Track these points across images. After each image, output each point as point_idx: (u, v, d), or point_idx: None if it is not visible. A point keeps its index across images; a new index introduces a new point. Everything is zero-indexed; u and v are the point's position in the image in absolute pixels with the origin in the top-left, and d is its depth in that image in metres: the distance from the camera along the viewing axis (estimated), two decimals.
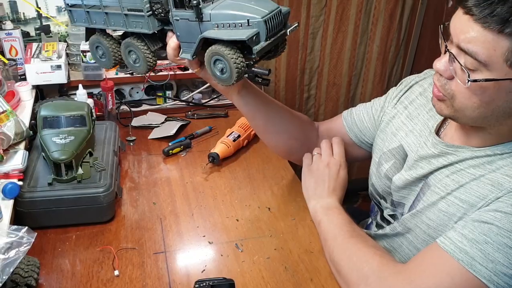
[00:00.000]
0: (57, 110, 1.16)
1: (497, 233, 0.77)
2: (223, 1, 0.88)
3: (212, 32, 0.86)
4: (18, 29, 1.51)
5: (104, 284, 0.94)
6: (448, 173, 0.92)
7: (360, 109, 1.21)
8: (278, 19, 0.88)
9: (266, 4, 0.88)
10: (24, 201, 1.04)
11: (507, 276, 0.76)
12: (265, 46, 0.86)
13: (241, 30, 0.84)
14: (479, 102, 0.80)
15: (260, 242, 1.06)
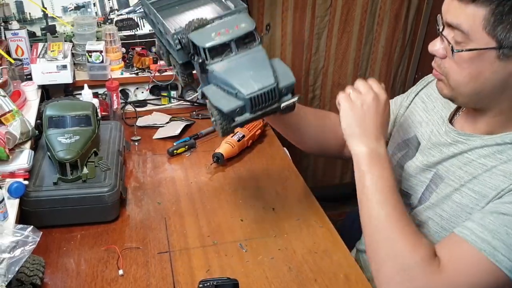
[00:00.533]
0: (62, 110, 1.16)
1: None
2: (231, 60, 0.90)
3: (209, 90, 0.90)
4: (24, 29, 1.52)
5: (109, 283, 0.95)
6: (460, 164, 0.93)
7: None
8: (269, 96, 0.88)
9: (263, 77, 0.88)
10: (29, 200, 1.04)
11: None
12: (249, 118, 0.89)
13: (230, 98, 0.88)
14: (468, 75, 0.85)
15: (264, 242, 1.06)
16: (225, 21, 0.93)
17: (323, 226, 1.12)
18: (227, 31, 0.90)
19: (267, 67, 0.89)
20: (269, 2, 1.92)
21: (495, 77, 0.83)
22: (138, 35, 1.71)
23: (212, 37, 0.90)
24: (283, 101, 0.90)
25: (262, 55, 0.91)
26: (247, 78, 0.87)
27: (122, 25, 1.69)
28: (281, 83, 0.89)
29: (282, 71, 0.91)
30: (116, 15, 1.68)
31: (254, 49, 0.92)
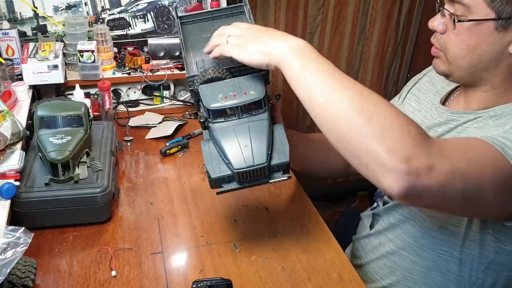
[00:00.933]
0: (53, 110, 1.15)
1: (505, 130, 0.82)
2: (232, 124, 0.92)
3: (206, 147, 0.93)
4: (14, 29, 1.51)
5: (101, 284, 0.94)
6: (454, 134, 0.96)
7: None
8: (258, 173, 0.90)
9: (256, 154, 0.89)
10: (21, 201, 1.03)
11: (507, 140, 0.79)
12: (236, 188, 0.91)
13: (221, 165, 0.90)
14: (467, 48, 0.89)
15: (258, 242, 1.06)
16: (236, 82, 0.94)
17: (317, 225, 1.12)
18: (234, 96, 0.92)
19: (264, 141, 0.90)
20: (261, 2, 1.92)
21: (492, 49, 0.88)
22: (130, 35, 1.71)
23: (218, 99, 0.92)
24: (272, 177, 0.92)
25: (263, 126, 0.92)
26: (240, 151, 0.89)
27: (113, 24, 1.68)
28: (273, 161, 0.90)
29: (280, 146, 0.92)
30: (107, 14, 1.67)
31: (257, 116, 0.93)
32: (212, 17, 1.14)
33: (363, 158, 0.72)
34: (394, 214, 1.08)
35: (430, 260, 1.03)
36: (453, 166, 0.72)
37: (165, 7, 1.70)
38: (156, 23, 1.71)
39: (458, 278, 1.01)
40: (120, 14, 1.67)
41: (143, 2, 1.68)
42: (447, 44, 0.92)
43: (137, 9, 1.68)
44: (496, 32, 0.86)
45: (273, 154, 0.91)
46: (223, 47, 0.89)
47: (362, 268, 1.20)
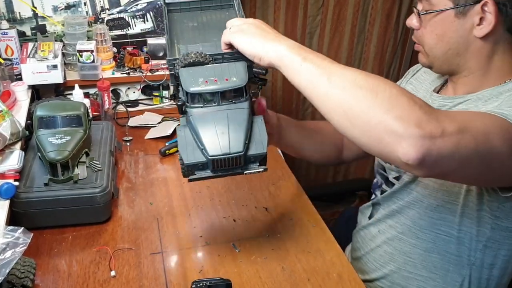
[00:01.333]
0: (53, 110, 1.15)
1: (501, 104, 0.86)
2: (210, 110, 0.89)
3: (181, 132, 0.90)
4: (14, 29, 1.50)
5: (101, 284, 0.94)
6: None
7: None
8: (233, 161, 0.87)
9: (233, 142, 0.86)
10: (20, 201, 1.03)
11: None
12: (209, 176, 0.88)
13: (195, 151, 0.87)
14: (436, 37, 0.98)
15: (257, 242, 1.06)
16: (219, 68, 0.91)
17: (316, 225, 1.12)
18: (216, 81, 0.89)
19: (242, 130, 0.88)
20: (261, 1, 1.92)
21: (457, 35, 0.96)
22: (130, 35, 1.70)
23: (198, 83, 0.89)
24: (248, 168, 0.89)
25: (243, 115, 0.89)
26: (216, 138, 0.87)
27: (113, 24, 1.68)
28: (250, 151, 0.88)
29: (258, 137, 0.89)
30: (107, 14, 1.67)
31: (238, 105, 0.90)
32: (200, 7, 1.11)
33: (374, 131, 0.72)
34: (394, 200, 1.11)
35: (429, 241, 1.05)
36: (461, 126, 0.74)
37: None
38: (156, 23, 1.71)
39: (457, 259, 1.03)
40: (120, 14, 1.67)
41: (143, 2, 1.68)
42: (422, 37, 1.02)
43: (136, 9, 1.68)
44: (456, 19, 0.94)
45: (251, 145, 0.88)
46: (225, 32, 0.91)
47: (362, 259, 1.22)
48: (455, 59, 0.99)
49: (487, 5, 0.90)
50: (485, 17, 0.91)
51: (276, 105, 2.15)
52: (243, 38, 0.87)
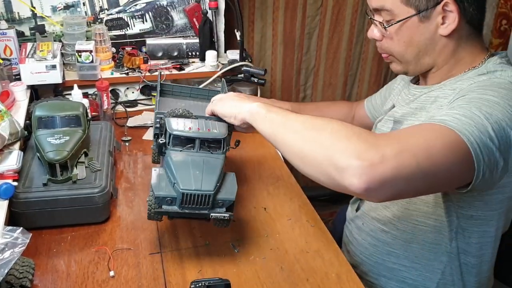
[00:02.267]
0: (52, 110, 1.15)
1: (458, 105, 0.88)
2: (188, 155, 0.96)
3: (155, 172, 0.95)
4: (12, 29, 1.50)
5: (100, 285, 0.94)
6: (415, 106, 1.09)
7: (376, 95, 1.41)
8: (202, 200, 0.91)
9: (205, 181, 0.91)
10: (19, 201, 1.03)
11: (471, 126, 0.82)
12: (175, 212, 0.92)
13: (167, 187, 0.92)
14: (404, 44, 1.03)
15: (256, 242, 1.06)
16: (202, 121, 1.01)
17: (315, 225, 1.12)
18: (198, 129, 0.98)
19: (215, 174, 0.94)
20: (260, 2, 1.92)
21: (424, 37, 1.01)
22: (128, 35, 1.71)
23: (182, 128, 0.97)
24: (214, 211, 0.93)
25: (218, 163, 0.97)
26: (190, 176, 0.92)
27: (112, 24, 1.68)
28: (220, 195, 0.93)
29: (229, 186, 0.96)
30: (106, 14, 1.67)
31: (214, 155, 0.98)
32: (190, 93, 1.30)
33: (322, 167, 0.79)
34: None
35: (408, 232, 1.10)
36: (399, 147, 0.77)
37: (164, 7, 1.70)
38: (155, 23, 1.71)
39: (436, 247, 1.07)
40: (119, 14, 1.67)
41: (142, 2, 1.68)
42: (389, 47, 1.06)
43: (135, 9, 1.68)
44: (421, 23, 0.99)
45: (221, 190, 0.94)
46: (209, 105, 1.09)
47: (350, 252, 1.26)
48: (425, 60, 1.05)
49: (447, 5, 0.96)
50: (447, 16, 0.97)
51: None
52: (222, 105, 1.04)
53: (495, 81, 0.95)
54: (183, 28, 1.74)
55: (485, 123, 0.83)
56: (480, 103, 0.86)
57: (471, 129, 0.81)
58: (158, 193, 0.91)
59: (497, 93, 0.88)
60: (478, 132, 0.82)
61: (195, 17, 1.72)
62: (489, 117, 0.83)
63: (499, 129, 0.83)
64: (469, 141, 0.81)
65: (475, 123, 0.82)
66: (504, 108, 0.86)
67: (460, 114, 0.84)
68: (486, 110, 0.84)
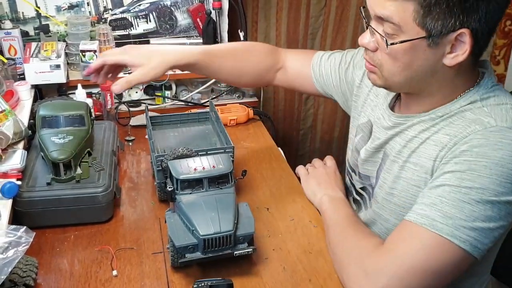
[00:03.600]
0: (56, 109, 1.16)
1: (449, 191, 0.84)
2: (199, 196, 0.97)
3: (171, 219, 0.96)
4: (17, 29, 1.51)
5: (103, 284, 0.94)
6: (403, 142, 0.99)
7: (329, 64, 1.26)
8: (224, 241, 0.92)
9: (223, 222, 0.92)
10: (22, 200, 1.04)
11: (466, 228, 0.82)
12: (200, 258, 0.92)
13: (186, 234, 0.93)
14: (402, 65, 0.90)
15: (259, 242, 1.06)
16: (205, 158, 1.02)
17: (318, 226, 1.12)
18: (204, 169, 0.99)
19: (230, 212, 0.95)
20: (263, 2, 1.92)
21: (426, 64, 0.89)
22: (132, 35, 1.71)
23: (188, 171, 0.98)
24: (237, 249, 0.94)
25: (230, 199, 0.97)
26: (207, 219, 0.92)
27: (116, 24, 1.68)
28: (239, 231, 0.94)
29: (246, 219, 0.97)
30: (110, 14, 1.67)
31: (224, 190, 0.99)
32: (179, 120, 1.35)
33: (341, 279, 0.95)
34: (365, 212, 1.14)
35: None
36: (400, 274, 0.84)
37: (167, 7, 1.70)
38: (158, 23, 1.71)
39: None
40: (122, 14, 1.68)
41: (145, 2, 1.68)
42: (381, 61, 0.92)
43: (139, 9, 1.68)
44: (428, 48, 0.86)
45: (239, 225, 0.95)
46: (302, 170, 1.29)
47: None
48: (418, 84, 0.93)
49: (462, 35, 0.84)
50: (457, 45, 0.85)
51: (278, 105, 2.15)
52: (304, 181, 1.25)
53: (492, 131, 0.86)
54: (187, 28, 1.74)
55: (490, 226, 0.82)
56: (477, 191, 0.82)
57: (476, 240, 0.82)
58: (179, 244, 0.91)
59: (494, 159, 0.83)
60: (485, 239, 0.83)
61: (198, 17, 1.72)
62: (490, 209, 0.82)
63: (500, 208, 0.83)
64: (478, 254, 0.83)
65: (479, 233, 0.82)
66: (503, 174, 0.82)
67: (462, 218, 0.82)
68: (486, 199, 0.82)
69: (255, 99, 1.70)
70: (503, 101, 0.91)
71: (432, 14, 0.82)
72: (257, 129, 1.57)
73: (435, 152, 0.91)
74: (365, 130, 1.13)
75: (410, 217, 0.87)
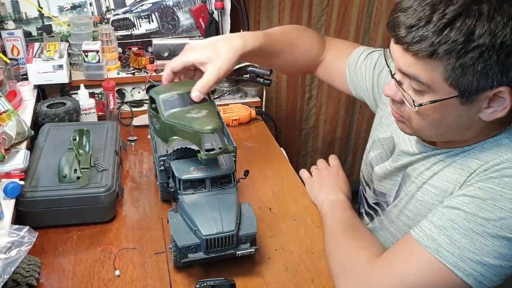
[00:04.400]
0: (174, 89, 1.00)
1: (464, 218, 0.78)
2: (202, 196, 0.96)
3: (173, 219, 0.95)
4: (20, 29, 1.51)
5: (105, 284, 0.95)
6: (428, 165, 0.93)
7: (365, 64, 1.18)
8: (226, 241, 0.92)
9: (225, 222, 0.92)
10: (25, 200, 1.04)
11: (473, 262, 0.77)
12: (202, 258, 0.92)
13: (188, 234, 0.92)
14: (432, 121, 0.83)
15: (261, 242, 1.06)
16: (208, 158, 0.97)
17: (320, 226, 1.12)
18: (206, 168, 0.98)
19: (233, 212, 0.94)
20: (265, 2, 1.92)
21: (460, 119, 0.82)
22: (135, 35, 1.71)
23: (190, 171, 0.97)
24: (239, 249, 0.94)
25: (232, 199, 0.97)
26: (209, 219, 0.92)
27: (118, 24, 1.69)
28: (242, 231, 0.94)
29: (248, 219, 0.97)
30: (112, 14, 1.67)
31: (227, 190, 0.98)
32: None
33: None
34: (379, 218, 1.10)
35: None
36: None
37: (170, 8, 1.70)
38: (161, 24, 1.72)
39: None
40: (125, 14, 1.68)
41: (148, 2, 1.68)
42: (409, 115, 0.86)
43: (141, 9, 1.69)
44: (461, 106, 0.79)
45: (241, 225, 0.95)
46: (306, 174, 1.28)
47: None
48: (451, 136, 0.87)
49: (501, 92, 0.76)
50: (496, 100, 0.78)
51: (281, 105, 2.16)
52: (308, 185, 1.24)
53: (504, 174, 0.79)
54: (189, 28, 1.75)
55: (502, 264, 0.76)
56: (495, 224, 0.76)
57: (482, 276, 0.77)
58: (182, 244, 0.91)
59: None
60: (494, 277, 0.77)
61: (201, 17, 1.72)
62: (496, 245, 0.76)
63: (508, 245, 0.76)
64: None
65: (487, 269, 0.76)
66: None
67: (471, 250, 0.77)
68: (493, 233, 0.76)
69: (257, 99, 1.70)
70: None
71: (466, 75, 0.74)
72: (259, 129, 1.57)
73: (460, 176, 0.85)
74: (386, 148, 1.08)
75: (416, 235, 0.82)
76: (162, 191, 1.15)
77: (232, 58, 0.98)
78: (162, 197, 1.16)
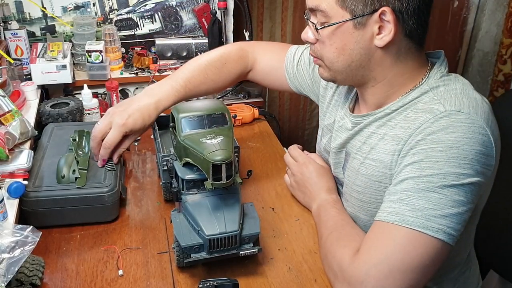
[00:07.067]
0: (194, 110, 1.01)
1: (413, 183, 0.85)
2: (205, 196, 0.96)
3: (176, 219, 0.96)
4: (23, 29, 1.52)
5: (109, 283, 0.95)
6: (363, 139, 1.01)
7: (301, 64, 1.27)
8: (229, 241, 0.92)
9: (228, 222, 0.92)
10: (29, 200, 1.04)
11: (437, 217, 0.82)
12: (205, 258, 0.92)
13: (192, 234, 0.93)
14: (336, 50, 0.94)
15: (264, 242, 1.06)
16: None
17: None
18: None
19: (236, 212, 0.94)
20: (268, 2, 1.92)
21: (359, 47, 0.92)
22: (138, 35, 1.71)
23: (193, 171, 0.97)
24: (242, 249, 0.94)
25: (235, 199, 0.97)
26: (213, 219, 0.92)
27: (121, 25, 1.69)
28: (245, 231, 0.94)
29: (251, 219, 0.97)
30: (115, 15, 1.68)
31: (230, 190, 0.97)
32: None
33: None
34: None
35: None
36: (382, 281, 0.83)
37: (173, 8, 1.71)
38: (164, 24, 1.72)
39: None
40: (128, 14, 1.68)
41: (151, 2, 1.69)
42: (320, 51, 0.97)
43: (144, 9, 1.69)
44: (356, 30, 0.90)
45: (244, 226, 0.95)
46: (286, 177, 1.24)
47: None
48: (358, 71, 0.96)
49: (385, 14, 0.87)
50: (384, 26, 0.89)
51: (284, 105, 2.15)
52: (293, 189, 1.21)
53: (442, 117, 0.87)
54: (192, 28, 1.75)
55: (459, 210, 0.83)
56: (438, 177, 0.83)
57: (449, 227, 0.82)
58: (185, 244, 0.91)
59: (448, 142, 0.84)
60: (457, 225, 0.83)
61: (204, 17, 1.72)
62: (457, 192, 0.83)
63: (465, 191, 0.83)
64: (453, 241, 0.83)
65: (450, 219, 0.82)
66: (465, 157, 0.83)
67: (430, 207, 0.83)
68: (451, 183, 0.83)
69: (260, 99, 1.70)
70: (451, 87, 0.92)
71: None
72: (262, 129, 1.57)
73: (393, 146, 0.93)
74: (333, 130, 1.14)
75: (380, 217, 0.87)
76: (165, 191, 1.15)
77: (155, 116, 1.16)
78: (165, 197, 1.17)
